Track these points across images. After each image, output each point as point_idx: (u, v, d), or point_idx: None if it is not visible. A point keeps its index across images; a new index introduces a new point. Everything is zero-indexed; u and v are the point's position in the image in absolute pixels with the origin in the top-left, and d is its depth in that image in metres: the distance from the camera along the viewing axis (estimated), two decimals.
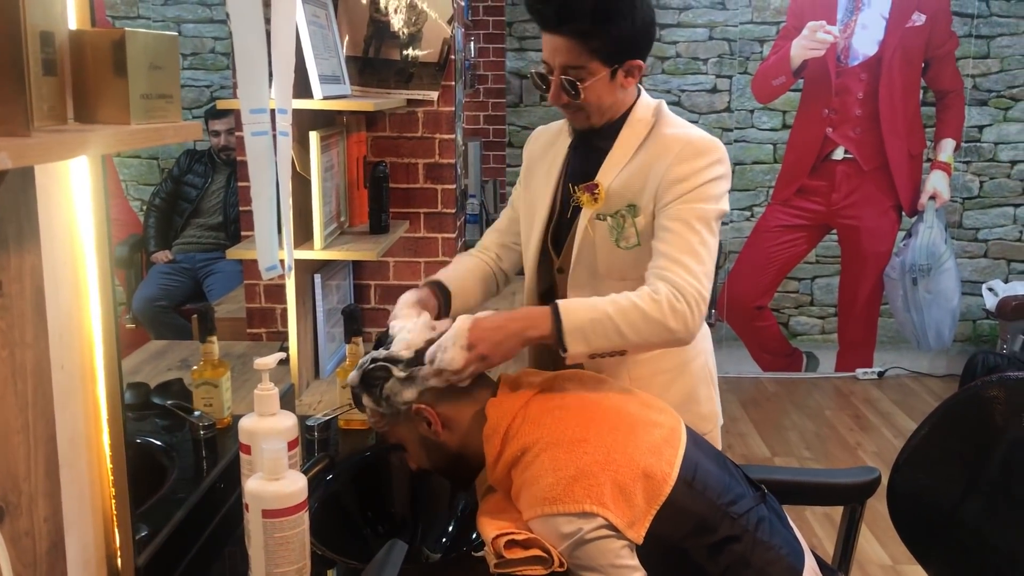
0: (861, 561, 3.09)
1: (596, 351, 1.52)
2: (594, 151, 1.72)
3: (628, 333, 1.50)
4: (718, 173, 1.63)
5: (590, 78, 1.61)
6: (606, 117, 1.70)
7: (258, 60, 1.57)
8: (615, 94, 1.66)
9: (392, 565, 1.05)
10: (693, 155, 1.62)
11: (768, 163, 4.96)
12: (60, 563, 1.06)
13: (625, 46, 1.62)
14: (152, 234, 2.61)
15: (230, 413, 1.77)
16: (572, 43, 1.59)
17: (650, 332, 1.50)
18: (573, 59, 1.60)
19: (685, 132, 1.68)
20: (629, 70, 1.65)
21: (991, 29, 4.79)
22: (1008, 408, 1.63)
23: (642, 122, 1.70)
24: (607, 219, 1.68)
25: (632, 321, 1.50)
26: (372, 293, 2.72)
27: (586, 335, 1.50)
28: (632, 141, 1.69)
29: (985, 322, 5.06)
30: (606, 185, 1.68)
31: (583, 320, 1.50)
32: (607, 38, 1.58)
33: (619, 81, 1.65)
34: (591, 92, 1.63)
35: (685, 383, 1.79)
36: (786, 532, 1.50)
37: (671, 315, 1.50)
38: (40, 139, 0.77)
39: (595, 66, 1.60)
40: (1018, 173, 4.94)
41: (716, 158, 1.64)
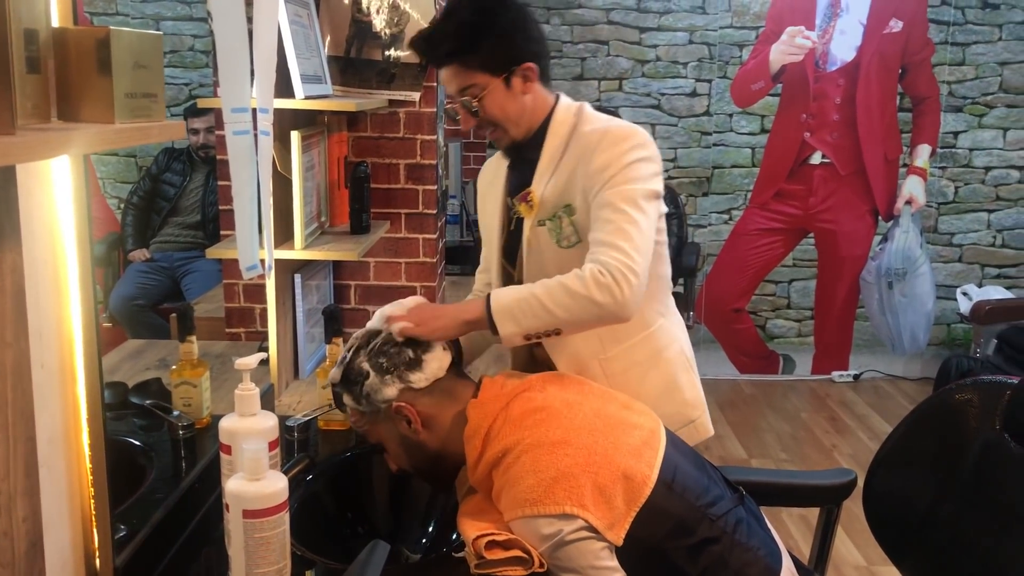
0: (836, 562, 3.11)
1: (528, 331, 1.56)
2: (527, 164, 1.76)
3: (555, 310, 1.53)
4: (639, 155, 1.64)
5: (484, 92, 1.66)
6: (524, 128, 1.73)
7: (240, 59, 1.57)
8: (518, 101, 1.70)
9: (374, 566, 1.05)
10: (611, 143, 1.65)
11: (746, 167, 4.99)
12: (39, 563, 1.05)
13: (503, 54, 1.66)
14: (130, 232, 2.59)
15: (209, 413, 1.77)
16: (456, 68, 1.67)
17: (577, 307, 1.53)
18: (463, 80, 1.67)
19: (604, 125, 1.70)
20: (523, 75, 1.69)
21: (966, 37, 4.85)
22: (981, 411, 1.66)
23: (563, 125, 1.73)
24: (547, 223, 1.72)
25: (557, 298, 1.53)
26: (352, 293, 2.72)
27: (514, 315, 1.54)
28: (557, 145, 1.73)
29: (959, 326, 5.12)
30: (539, 192, 1.72)
31: (510, 301, 1.55)
32: (481, 52, 1.65)
33: (517, 88, 1.69)
34: (490, 104, 1.67)
35: (663, 372, 1.81)
36: (764, 533, 1.52)
37: (596, 289, 1.52)
38: (25, 137, 0.77)
39: (484, 79, 1.66)
40: (992, 179, 5.01)
41: (636, 142, 1.65)
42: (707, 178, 5.01)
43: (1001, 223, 5.05)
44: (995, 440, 1.61)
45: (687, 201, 4.94)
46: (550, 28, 4.85)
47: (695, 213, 5.01)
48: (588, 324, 1.60)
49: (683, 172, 4.99)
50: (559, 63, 4.89)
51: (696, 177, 5.01)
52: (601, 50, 4.90)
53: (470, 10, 1.65)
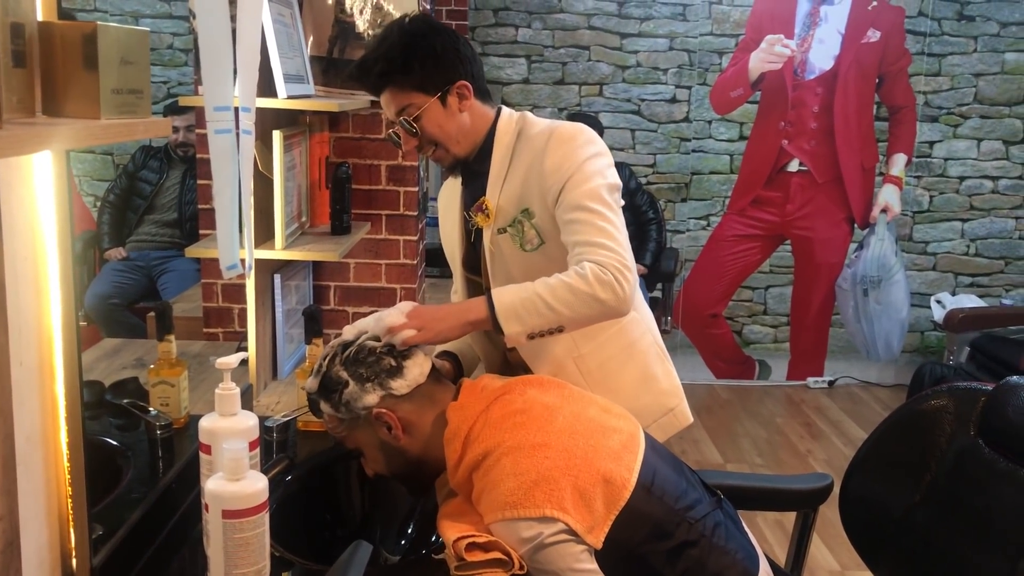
0: (811, 567, 3.14)
1: (532, 330, 1.56)
2: (478, 178, 1.78)
3: (560, 308, 1.54)
4: (591, 151, 1.67)
5: (421, 111, 1.68)
6: (466, 145, 1.75)
7: (223, 57, 1.56)
8: (455, 119, 1.72)
9: (356, 566, 1.04)
10: (560, 142, 1.67)
11: (725, 173, 5.02)
12: (15, 562, 1.04)
13: (436, 73, 1.69)
14: (106, 231, 2.57)
15: (187, 413, 1.75)
16: (392, 91, 1.69)
17: (581, 304, 1.55)
18: (400, 102, 1.69)
19: (547, 126, 1.73)
20: (458, 93, 1.71)
21: (942, 48, 4.91)
22: (956, 417, 1.68)
23: (507, 134, 1.75)
24: (507, 230, 1.74)
25: (562, 296, 1.54)
26: (332, 294, 2.71)
27: (519, 314, 1.54)
28: (504, 154, 1.75)
29: (933, 334, 5.17)
30: (494, 200, 1.74)
31: (514, 300, 1.55)
32: (412, 74, 1.67)
33: (453, 106, 1.71)
34: (428, 123, 1.70)
35: (637, 364, 1.82)
36: (741, 537, 1.53)
37: (599, 286, 1.54)
38: (11, 131, 0.76)
39: (419, 99, 1.68)
40: (966, 189, 5.07)
41: (584, 139, 1.68)
42: (686, 184, 5.04)
43: (975, 232, 5.12)
44: (970, 446, 1.63)
45: (665, 207, 4.96)
46: (532, 32, 4.87)
47: (673, 219, 5.04)
48: (590, 320, 1.61)
49: (662, 178, 5.02)
50: (540, 67, 4.91)
51: (675, 183, 5.03)
52: (582, 55, 4.91)
53: (400, 33, 1.68)
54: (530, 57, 4.91)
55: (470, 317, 1.57)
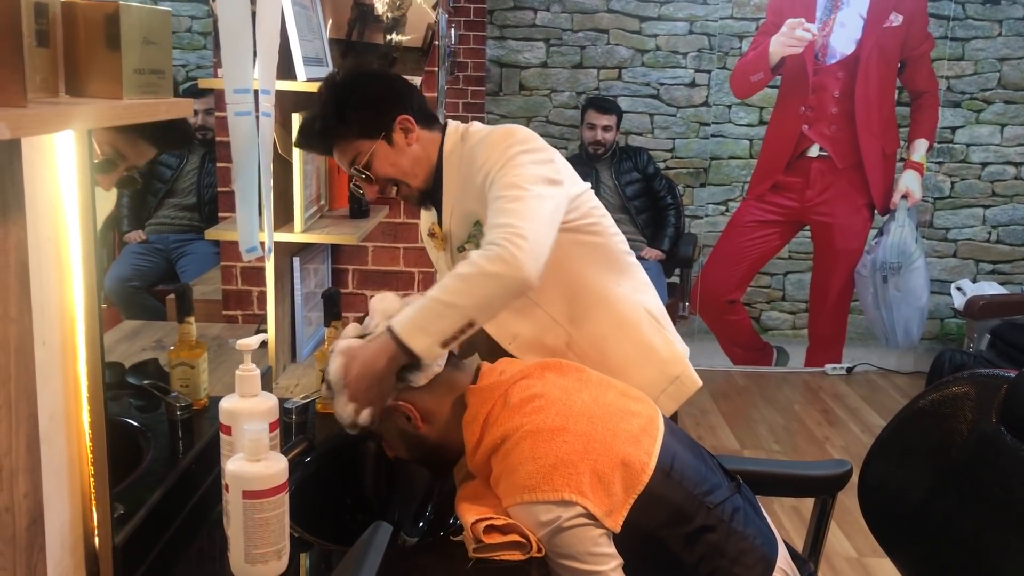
0: (827, 553, 3.13)
1: (443, 336, 1.46)
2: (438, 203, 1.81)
3: (456, 301, 1.48)
4: (519, 149, 1.64)
5: (369, 156, 1.71)
6: (424, 174, 1.76)
7: (243, 40, 1.56)
8: (406, 153, 1.74)
9: (377, 547, 1.05)
10: (489, 146, 1.67)
11: (744, 158, 4.99)
12: (39, 539, 1.05)
13: (369, 121, 1.72)
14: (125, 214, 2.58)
15: (207, 394, 1.76)
16: (339, 148, 1.74)
17: (475, 287, 1.49)
18: (348, 154, 1.73)
19: (483, 134, 1.73)
20: (402, 128, 1.73)
21: (966, 32, 4.85)
22: (978, 404, 1.66)
23: (453, 154, 1.77)
24: (466, 247, 1.74)
25: (453, 288, 1.49)
26: (350, 278, 2.71)
27: (419, 326, 1.46)
28: (452, 171, 1.76)
29: (952, 321, 5.14)
30: (447, 224, 1.78)
31: (410, 317, 1.47)
32: (350, 124, 1.71)
33: (399, 142, 1.73)
34: (380, 165, 1.72)
35: (633, 338, 1.81)
36: (760, 522, 1.52)
37: (485, 263, 1.48)
38: (35, 110, 0.76)
39: (364, 145, 1.72)
40: (988, 175, 5.02)
41: (515, 139, 1.67)
42: (704, 169, 5.01)
43: (996, 219, 5.07)
44: (992, 433, 1.62)
45: (684, 192, 4.94)
46: (550, 16, 4.84)
47: (692, 204, 5.01)
48: (495, 300, 1.52)
49: (680, 163, 4.99)
50: (558, 51, 4.88)
51: (693, 168, 5.00)
52: (601, 39, 4.88)
53: (330, 89, 1.73)
54: (548, 41, 4.88)
55: (381, 362, 1.46)
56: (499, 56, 4.92)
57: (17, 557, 1.00)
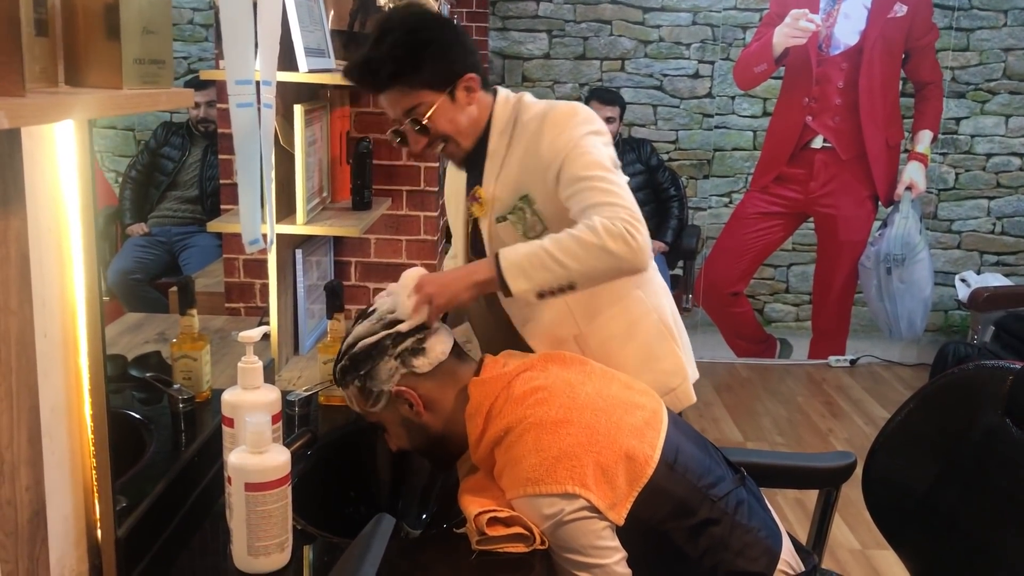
0: (831, 546, 3.13)
1: (541, 286, 1.50)
2: (476, 165, 1.75)
3: (568, 262, 1.48)
4: (588, 129, 1.64)
5: (430, 108, 1.64)
6: (474, 136, 1.72)
7: (244, 31, 1.56)
8: (465, 113, 1.69)
9: (380, 539, 1.05)
10: (555, 123, 1.64)
11: (748, 150, 4.98)
12: (41, 531, 1.05)
13: (442, 70, 1.65)
14: (127, 206, 2.58)
15: (209, 387, 1.76)
16: (400, 91, 1.64)
17: (591, 257, 1.49)
18: (408, 102, 1.65)
19: (542, 109, 1.70)
20: (466, 87, 1.67)
21: (971, 22, 4.83)
22: (983, 396, 1.65)
23: (503, 120, 1.72)
24: (508, 218, 1.71)
25: (570, 249, 1.49)
26: (352, 270, 2.71)
27: (524, 270, 1.49)
28: (500, 141, 1.72)
29: (957, 313, 5.12)
30: (490, 191, 1.72)
31: (519, 257, 1.51)
32: (420, 72, 1.63)
33: (461, 100, 1.68)
34: (439, 120, 1.66)
35: (640, 343, 1.79)
36: (764, 515, 1.52)
37: (608, 238, 1.48)
38: (34, 100, 0.76)
39: (430, 96, 1.64)
40: (993, 166, 5.00)
41: (581, 117, 1.65)
42: (708, 160, 4.99)
43: (1001, 210, 5.05)
44: (996, 425, 1.61)
45: (687, 183, 4.93)
46: (553, 6, 4.82)
47: (695, 196, 5.00)
48: (603, 275, 1.55)
49: (684, 154, 4.98)
50: (561, 42, 4.87)
51: (697, 159, 4.99)
52: (604, 30, 4.86)
53: (403, 31, 1.62)
54: (551, 32, 4.87)
55: (477, 277, 1.53)
56: (502, 47, 4.90)
57: (20, 550, 1.00)
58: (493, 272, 1.51)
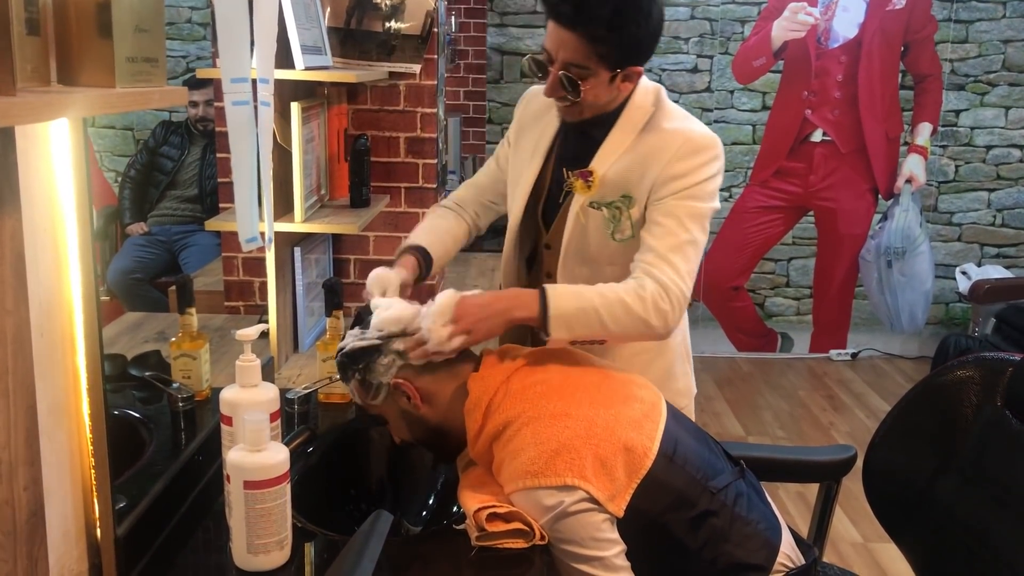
0: (833, 539, 3.13)
1: (577, 339, 1.57)
2: (587, 137, 1.70)
3: (610, 325, 1.53)
4: (715, 170, 1.64)
5: (591, 79, 1.58)
6: (601, 111, 1.68)
7: (240, 29, 1.55)
8: (611, 94, 1.65)
9: (378, 536, 1.05)
10: (692, 152, 1.62)
11: (747, 144, 4.97)
12: (40, 531, 1.05)
13: (631, 53, 1.60)
14: (127, 206, 2.58)
15: (209, 385, 1.76)
16: (582, 43, 1.55)
17: (631, 326, 1.54)
18: (579, 58, 1.56)
19: (686, 127, 1.66)
20: (628, 75, 1.63)
21: (970, 14, 4.82)
22: (983, 387, 1.65)
23: (640, 110, 1.67)
24: (602, 209, 1.68)
25: (616, 315, 1.52)
26: (351, 267, 2.71)
27: (570, 323, 1.52)
28: (629, 130, 1.67)
29: (957, 305, 5.12)
30: (601, 173, 1.67)
31: (570, 309, 1.52)
32: (616, 44, 1.55)
33: (617, 85, 1.63)
34: (588, 90, 1.60)
35: (665, 361, 1.82)
36: (764, 507, 1.52)
37: (654, 313, 1.53)
38: (26, 99, 0.75)
39: (596, 67, 1.57)
40: (993, 158, 4.99)
41: (714, 155, 1.64)
42: None
43: (1001, 202, 5.04)
44: (997, 417, 1.61)
45: None
46: None
47: None
48: (631, 339, 1.63)
49: None
50: None
51: None
52: None
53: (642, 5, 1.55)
54: None
55: (518, 315, 1.53)
56: (500, 43, 4.89)
57: (18, 549, 1.00)
58: (535, 314, 1.52)
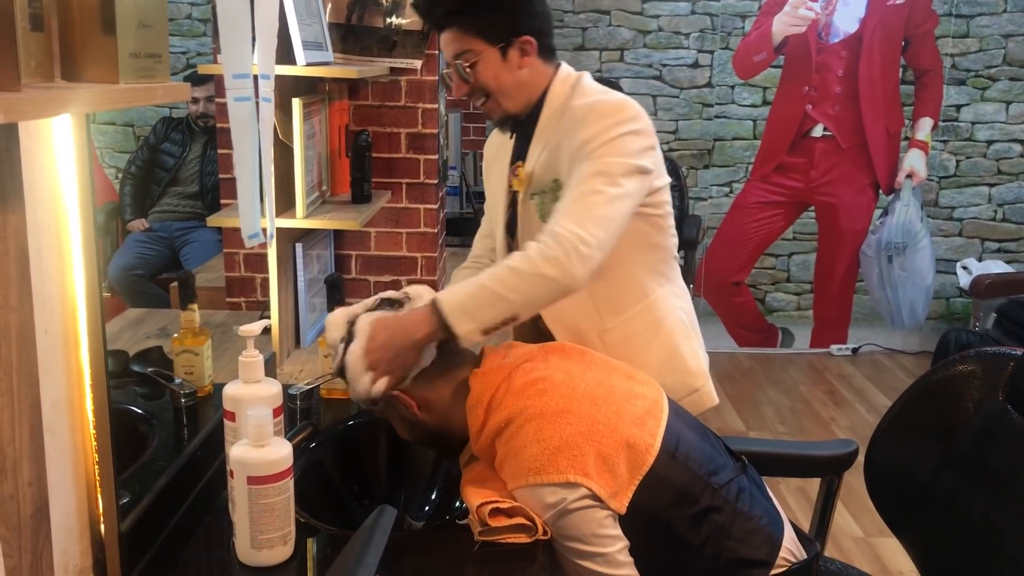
0: (834, 533, 3.13)
1: (486, 324, 1.48)
2: (525, 139, 1.73)
3: (507, 294, 1.47)
4: (627, 129, 1.60)
5: (479, 59, 1.64)
6: (520, 102, 1.70)
7: (242, 24, 1.55)
8: (513, 74, 1.67)
9: (381, 530, 1.05)
10: (598, 116, 1.61)
11: (748, 139, 4.97)
12: (44, 527, 1.05)
13: (503, 23, 1.64)
14: (128, 202, 2.58)
15: (211, 381, 1.76)
16: (455, 32, 1.64)
17: (528, 286, 1.48)
18: (460, 46, 1.65)
19: (593, 99, 1.66)
20: (521, 48, 1.66)
21: (971, 8, 4.81)
22: (984, 382, 1.65)
23: (558, 97, 1.70)
24: (535, 197, 1.70)
25: (508, 282, 1.48)
26: (353, 263, 2.71)
27: (467, 311, 1.47)
28: (551, 119, 1.70)
29: (958, 300, 5.12)
30: (530, 166, 1.70)
31: (460, 299, 1.48)
32: (482, 18, 1.63)
33: (513, 60, 1.66)
34: (484, 73, 1.65)
35: (664, 342, 1.78)
36: (766, 503, 1.52)
37: (542, 263, 1.47)
38: (30, 95, 0.76)
39: (480, 46, 1.64)
40: (994, 153, 4.99)
41: (625, 116, 1.61)
42: (708, 150, 4.99)
43: (1002, 197, 5.04)
44: (998, 411, 1.61)
45: (688, 173, 4.92)
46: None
47: (696, 186, 5.00)
48: (543, 300, 1.54)
49: (684, 144, 4.97)
50: (560, 33, 4.85)
51: (697, 149, 4.98)
52: (603, 20, 4.86)
53: None
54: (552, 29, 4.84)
55: (419, 334, 1.46)
56: None
57: (23, 544, 1.01)
58: (435, 322, 1.46)
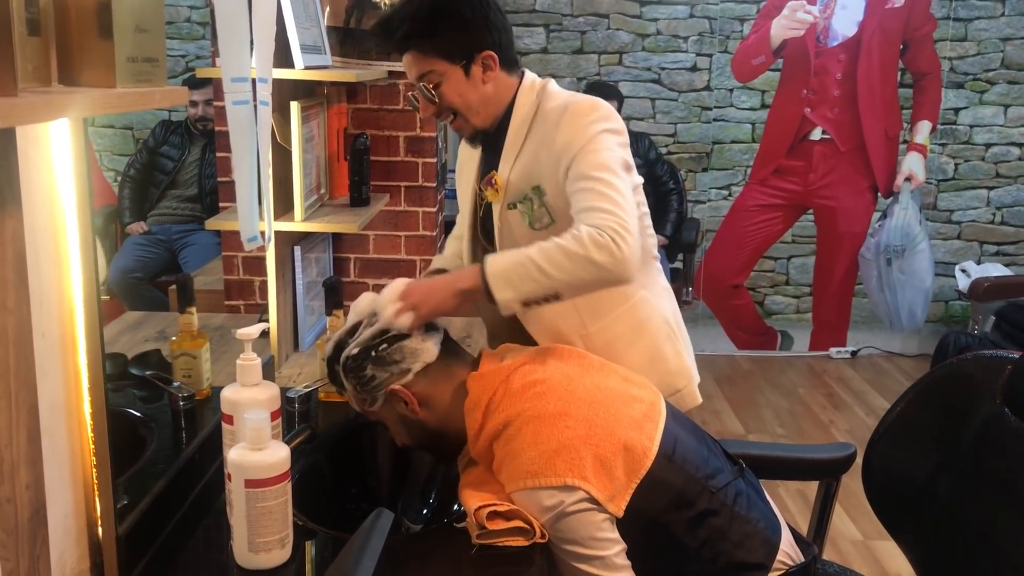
0: (833, 536, 3.13)
1: (526, 296, 1.49)
2: (495, 150, 1.74)
3: (553, 272, 1.47)
4: (604, 127, 1.61)
5: (442, 79, 1.65)
6: (487, 116, 1.71)
7: (240, 28, 1.56)
8: (478, 90, 1.68)
9: (379, 534, 1.05)
10: (573, 117, 1.62)
11: (746, 142, 4.97)
12: (42, 530, 1.05)
13: (462, 41, 1.65)
14: (127, 205, 2.59)
15: (209, 384, 1.76)
16: (415, 55, 1.65)
17: (576, 267, 1.48)
18: (422, 67, 1.66)
19: (564, 101, 1.68)
20: (484, 63, 1.66)
21: (969, 12, 4.82)
22: (982, 385, 1.66)
23: (525, 107, 1.71)
24: (517, 207, 1.70)
25: (555, 259, 1.48)
26: (352, 266, 2.71)
27: (510, 279, 1.48)
28: (519, 127, 1.71)
29: (957, 303, 5.12)
30: (505, 176, 1.71)
31: (506, 266, 1.50)
32: (439, 39, 1.63)
33: (477, 77, 1.67)
34: (448, 92, 1.66)
35: (646, 344, 1.78)
36: (764, 506, 1.52)
37: (594, 248, 1.47)
38: (27, 99, 0.76)
39: (442, 66, 1.64)
40: (992, 156, 4.99)
41: (599, 115, 1.63)
42: (707, 153, 4.99)
43: (1001, 200, 5.05)
44: (996, 414, 1.61)
45: (686, 177, 4.92)
46: (550, 1, 4.82)
47: (694, 189, 5.00)
48: (588, 286, 1.54)
49: (683, 147, 4.98)
50: (559, 36, 4.86)
51: (696, 152, 4.99)
52: (601, 24, 4.86)
53: None
54: (548, 26, 4.86)
55: (462, 285, 1.52)
56: None
57: (20, 548, 1.01)
58: (478, 280, 1.50)
